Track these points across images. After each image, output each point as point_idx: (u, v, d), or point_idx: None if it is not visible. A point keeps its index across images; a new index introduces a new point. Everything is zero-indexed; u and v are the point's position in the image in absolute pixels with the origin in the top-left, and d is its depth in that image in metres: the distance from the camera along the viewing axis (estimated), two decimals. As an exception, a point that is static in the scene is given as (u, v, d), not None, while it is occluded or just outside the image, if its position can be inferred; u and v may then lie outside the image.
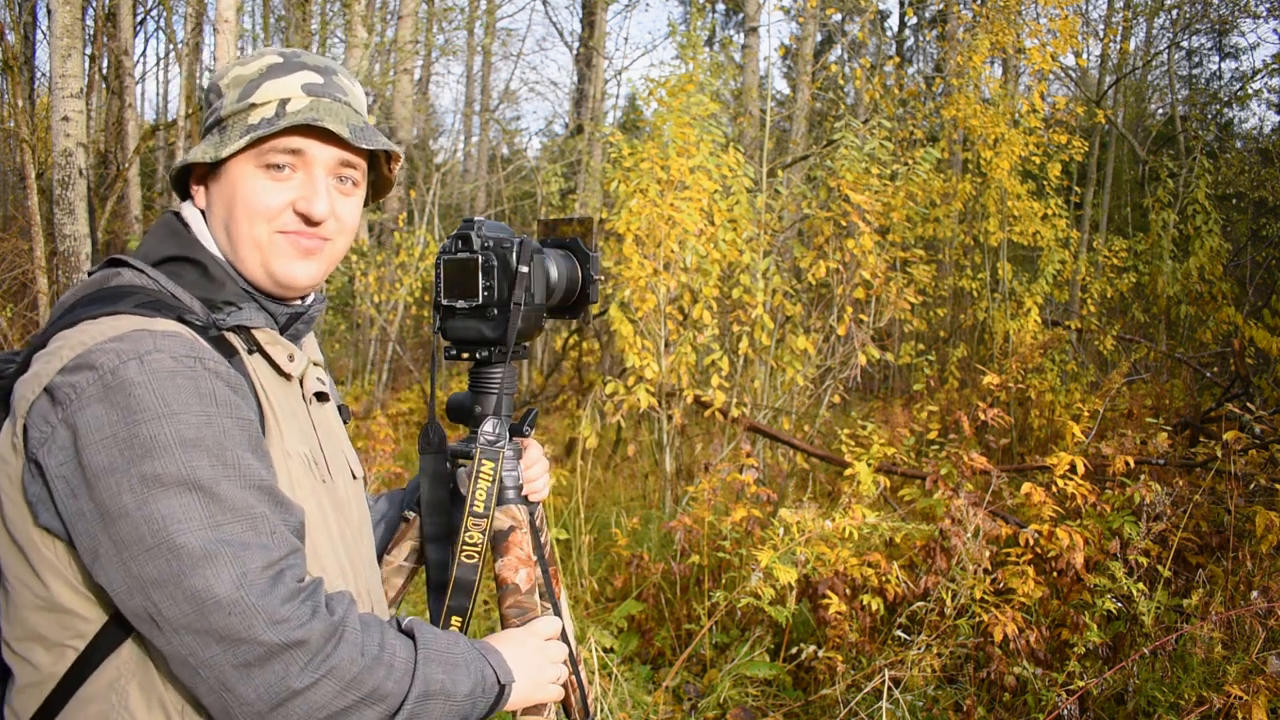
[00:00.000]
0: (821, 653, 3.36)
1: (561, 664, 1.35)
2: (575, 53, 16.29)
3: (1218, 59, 20.60)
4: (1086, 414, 5.24)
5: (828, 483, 5.85)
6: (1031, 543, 3.47)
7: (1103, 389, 6.34)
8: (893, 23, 18.39)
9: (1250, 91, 15.02)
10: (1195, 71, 20.42)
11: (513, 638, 1.32)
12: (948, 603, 3.38)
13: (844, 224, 5.63)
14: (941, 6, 14.89)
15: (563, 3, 41.69)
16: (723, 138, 5.69)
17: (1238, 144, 16.24)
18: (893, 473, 4.50)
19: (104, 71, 9.56)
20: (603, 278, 5.80)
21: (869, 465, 4.07)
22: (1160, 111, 17.05)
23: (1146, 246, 9.00)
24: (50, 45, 5.83)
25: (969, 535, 3.47)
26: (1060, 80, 14.77)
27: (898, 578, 3.51)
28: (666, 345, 5.49)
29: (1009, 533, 3.56)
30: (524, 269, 1.39)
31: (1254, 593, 3.37)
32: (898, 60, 12.24)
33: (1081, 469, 3.68)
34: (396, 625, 1.19)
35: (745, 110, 11.45)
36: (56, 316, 1.15)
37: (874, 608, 3.47)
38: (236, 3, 5.99)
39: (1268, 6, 12.56)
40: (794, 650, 3.47)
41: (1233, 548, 3.67)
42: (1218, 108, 16.62)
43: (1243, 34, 33.14)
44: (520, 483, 1.47)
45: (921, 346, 7.65)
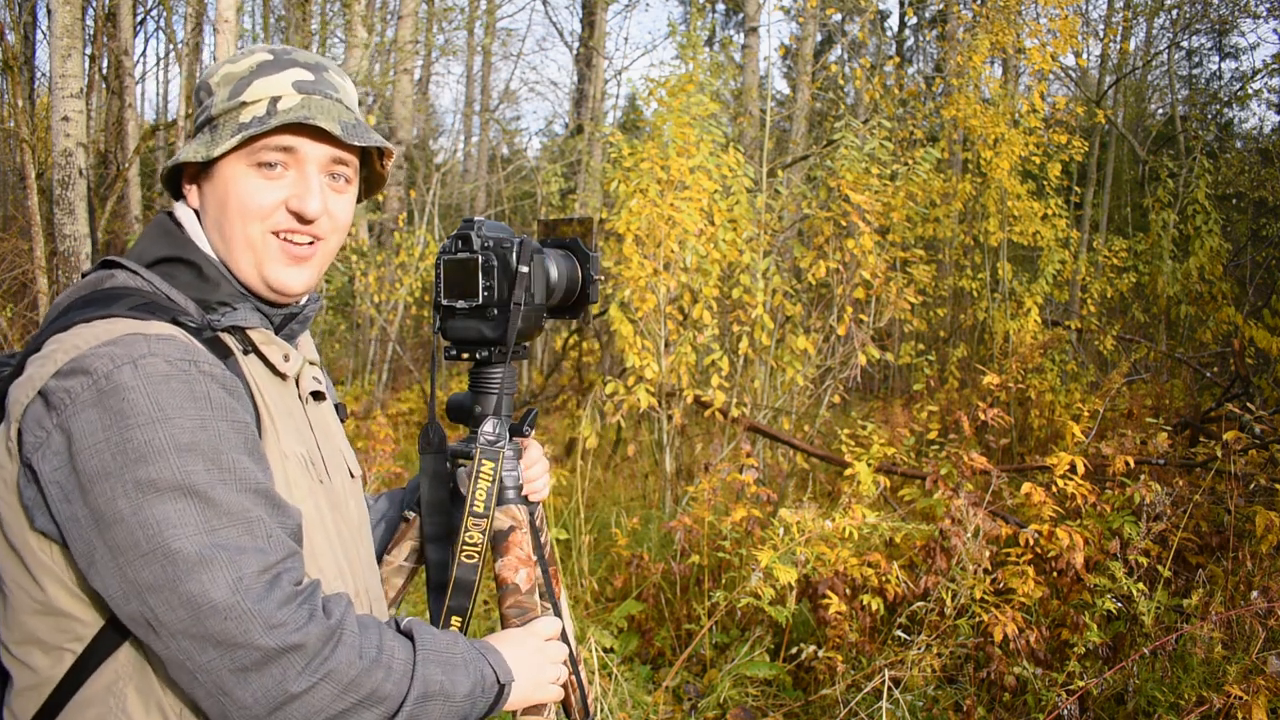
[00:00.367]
0: (821, 653, 3.36)
1: (561, 664, 1.35)
2: (575, 53, 16.29)
3: (1218, 59, 20.63)
4: (1086, 414, 5.24)
5: (828, 483, 5.85)
6: (1031, 543, 3.47)
7: (1103, 389, 6.34)
8: (893, 23, 18.41)
9: (1250, 91, 15.03)
10: (1195, 71, 20.43)
11: (513, 638, 1.31)
12: (948, 603, 3.38)
13: (844, 224, 5.63)
14: (941, 6, 14.89)
15: (563, 3, 41.72)
16: (723, 138, 5.68)
17: (1238, 144, 16.24)
18: (893, 473, 4.50)
19: (104, 71, 9.56)
20: (603, 278, 5.80)
21: (869, 465, 4.07)
22: (1160, 111, 17.06)
23: (1146, 246, 9.00)
24: (50, 45, 5.84)
25: (969, 535, 3.47)
26: (1060, 80, 14.78)
27: (898, 578, 3.51)
28: (666, 345, 5.49)
29: (1009, 533, 3.56)
30: (524, 269, 1.39)
31: (1254, 593, 3.37)
32: (898, 60, 12.24)
33: (1081, 469, 3.67)
34: (395, 626, 1.19)
35: (745, 110, 11.45)
36: (51, 319, 1.14)
37: (874, 608, 3.47)
38: (236, 3, 5.99)
39: (1268, 6, 12.56)
40: (794, 650, 3.47)
41: (1233, 548, 3.67)
42: (1218, 108, 16.63)
43: (1243, 34, 33.17)
44: (520, 483, 1.46)
45: (921, 346, 7.65)
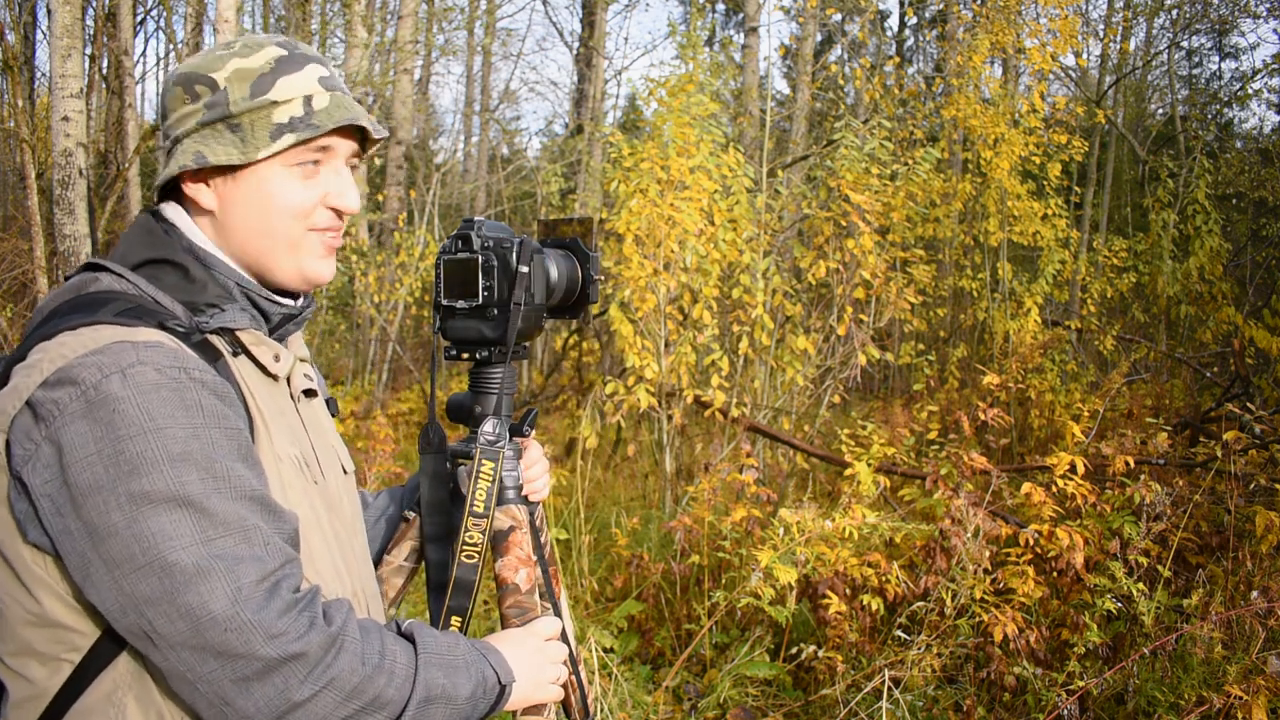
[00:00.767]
0: (821, 653, 3.36)
1: (561, 664, 1.35)
2: (575, 53, 16.29)
3: (1218, 59, 20.63)
4: (1086, 414, 5.23)
5: (828, 483, 5.85)
6: (1031, 543, 3.47)
7: (1103, 389, 6.34)
8: (893, 23, 18.41)
9: (1250, 91, 15.03)
10: (1195, 71, 20.43)
11: (513, 638, 1.31)
12: (948, 603, 3.38)
13: (844, 224, 5.63)
14: (941, 6, 14.89)
15: (563, 3, 41.72)
16: (723, 138, 5.68)
17: (1238, 144, 16.24)
18: (893, 473, 4.50)
19: (104, 71, 9.56)
20: (603, 278, 5.80)
21: (869, 465, 4.07)
22: (1160, 111, 17.06)
23: (1146, 246, 9.00)
24: (50, 45, 5.83)
25: (969, 535, 3.47)
26: (1060, 80, 14.78)
27: (898, 578, 3.51)
28: (666, 345, 5.49)
29: (1009, 533, 3.56)
30: (524, 269, 1.39)
31: (1254, 593, 3.37)
32: (898, 60, 12.24)
33: (1081, 469, 3.67)
34: (396, 628, 1.18)
35: (745, 110, 11.44)
36: (35, 325, 1.12)
37: (874, 608, 3.47)
38: (236, 3, 5.99)
39: (1268, 6, 12.56)
40: (794, 650, 3.47)
41: (1233, 548, 3.67)
42: (1218, 108, 16.62)
43: (1243, 34, 33.17)
44: (520, 483, 1.46)
45: (921, 346, 7.65)
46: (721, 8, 20.92)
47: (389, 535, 1.52)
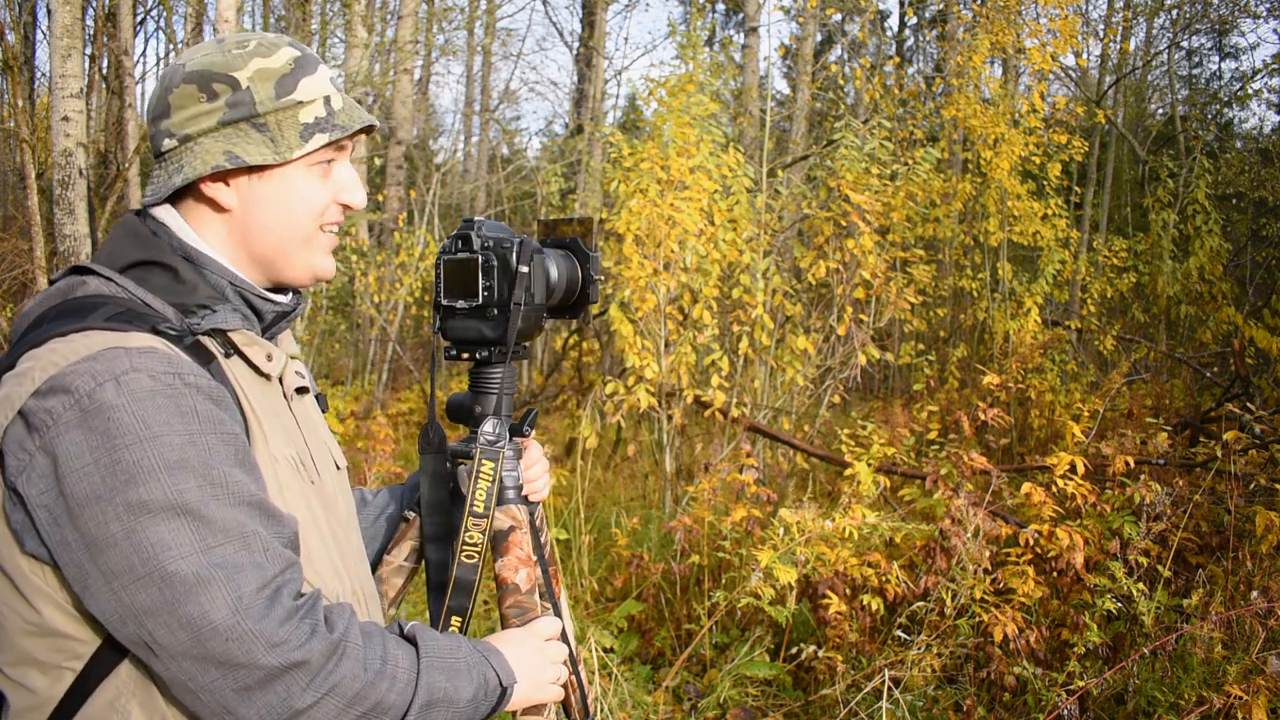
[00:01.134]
0: (821, 653, 3.36)
1: (562, 664, 1.35)
2: (575, 53, 16.29)
3: (1218, 59, 20.62)
4: (1086, 414, 5.23)
5: (828, 483, 5.85)
6: (1031, 543, 3.47)
7: (1103, 389, 6.34)
8: (893, 23, 18.41)
9: (1250, 91, 15.02)
10: (1195, 71, 20.43)
11: (513, 638, 1.31)
12: (948, 603, 3.38)
13: (844, 224, 5.63)
14: (941, 6, 14.89)
15: (563, 3, 41.71)
16: (723, 138, 5.68)
17: (1238, 144, 16.23)
18: (893, 473, 4.50)
19: (104, 71, 9.55)
20: (603, 278, 5.80)
21: (869, 465, 4.07)
22: (1160, 111, 17.05)
23: (1146, 246, 9.00)
24: (50, 45, 5.83)
25: (969, 535, 3.47)
26: (1060, 80, 14.78)
27: (898, 578, 3.51)
28: (666, 345, 5.49)
29: (1009, 533, 3.56)
30: (524, 269, 1.39)
31: (1254, 593, 3.37)
32: (898, 60, 12.24)
33: (1081, 469, 3.67)
34: (399, 630, 1.18)
35: (745, 110, 11.44)
36: (22, 331, 1.10)
37: (874, 608, 3.47)
38: (236, 3, 5.99)
39: (1268, 6, 12.56)
40: (794, 650, 3.47)
41: (1233, 548, 3.67)
42: (1218, 108, 16.62)
43: (1243, 34, 33.14)
44: (520, 483, 1.46)
45: (921, 346, 7.65)
46: (721, 8, 20.92)
47: (389, 535, 1.51)
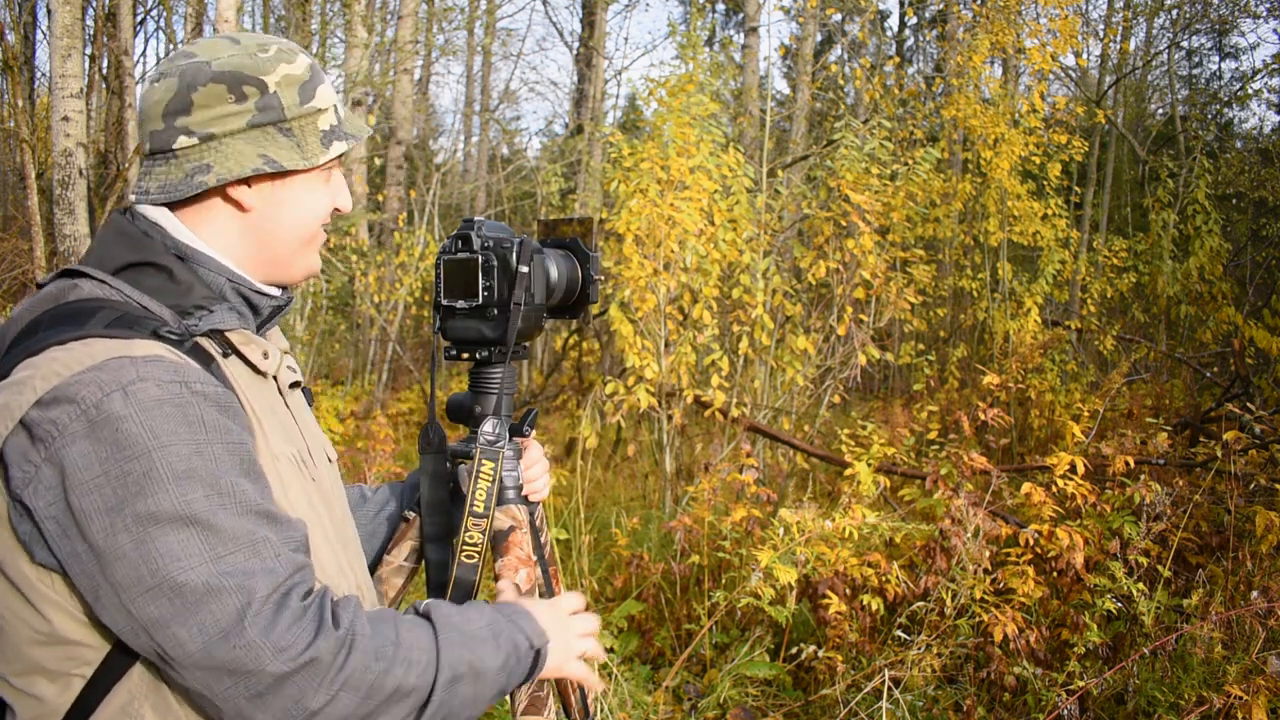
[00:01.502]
0: (821, 653, 3.36)
1: (592, 639, 1.33)
2: (575, 53, 16.29)
3: (1218, 59, 20.62)
4: (1086, 414, 5.23)
5: (828, 483, 5.85)
6: (1031, 543, 3.47)
7: (1103, 389, 6.34)
8: (893, 23, 18.41)
9: (1250, 91, 15.02)
10: (1195, 71, 20.42)
11: (540, 604, 1.30)
12: (948, 603, 3.38)
13: (844, 224, 5.63)
14: (941, 6, 14.89)
15: (563, 3, 41.71)
16: (723, 138, 5.68)
17: (1238, 144, 16.23)
18: (893, 473, 4.50)
19: (104, 71, 9.55)
20: (603, 278, 5.80)
21: (869, 465, 4.07)
22: (1160, 111, 17.05)
23: (1146, 246, 9.00)
24: (50, 45, 5.83)
25: (969, 535, 3.47)
26: (1060, 80, 14.77)
27: (898, 578, 3.51)
28: (666, 345, 5.49)
29: (1009, 533, 3.56)
30: (524, 269, 1.39)
31: (1254, 593, 3.37)
32: (898, 60, 12.24)
33: (1081, 469, 3.67)
34: (414, 610, 1.17)
35: (745, 110, 11.45)
36: (14, 337, 1.08)
37: (874, 608, 3.47)
38: (236, 3, 5.99)
39: (1268, 6, 12.56)
40: (794, 650, 3.47)
41: (1233, 548, 3.67)
42: (1218, 108, 16.62)
43: (1243, 34, 33.12)
44: (520, 483, 1.47)
45: (921, 346, 7.65)
46: (721, 8, 20.92)
47: (389, 533, 1.51)
